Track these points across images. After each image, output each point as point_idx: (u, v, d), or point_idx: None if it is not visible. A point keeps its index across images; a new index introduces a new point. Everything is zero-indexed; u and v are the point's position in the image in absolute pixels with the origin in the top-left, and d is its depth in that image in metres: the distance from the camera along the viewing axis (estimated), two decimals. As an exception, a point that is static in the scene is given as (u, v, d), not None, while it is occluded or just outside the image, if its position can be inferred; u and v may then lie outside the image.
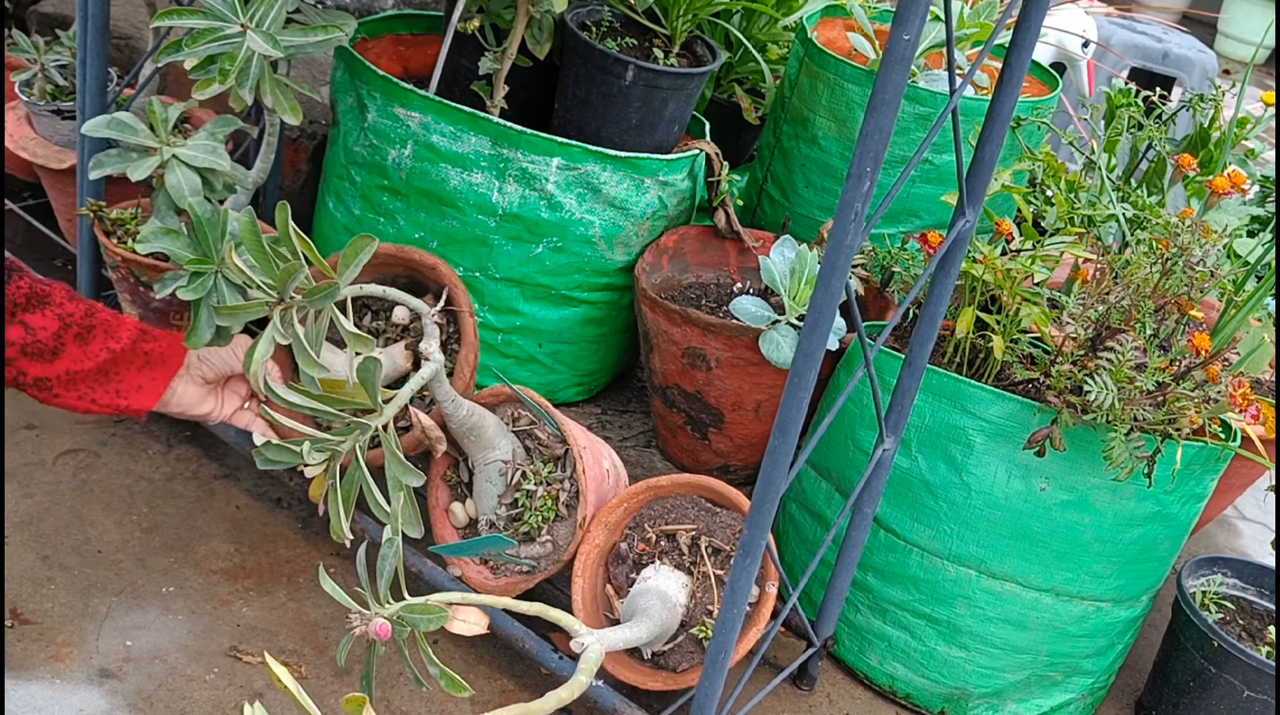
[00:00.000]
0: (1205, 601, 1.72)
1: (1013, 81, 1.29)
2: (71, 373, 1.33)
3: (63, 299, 1.32)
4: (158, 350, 1.39)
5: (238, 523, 1.77)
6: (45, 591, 1.58)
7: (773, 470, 1.19)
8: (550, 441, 1.58)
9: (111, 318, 1.36)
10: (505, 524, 1.58)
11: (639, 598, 1.46)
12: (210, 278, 1.38)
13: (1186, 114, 2.06)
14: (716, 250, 2.07)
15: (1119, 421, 1.41)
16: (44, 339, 1.30)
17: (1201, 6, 6.38)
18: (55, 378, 1.32)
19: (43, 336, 1.29)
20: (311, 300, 1.33)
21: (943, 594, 1.59)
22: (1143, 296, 1.49)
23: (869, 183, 1.05)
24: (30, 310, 1.29)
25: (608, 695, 1.46)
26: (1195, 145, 2.01)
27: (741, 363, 1.80)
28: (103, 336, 1.34)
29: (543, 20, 1.85)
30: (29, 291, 1.29)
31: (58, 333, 1.30)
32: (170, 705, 1.46)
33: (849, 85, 1.98)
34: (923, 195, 2.02)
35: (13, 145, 2.09)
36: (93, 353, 1.33)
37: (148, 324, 1.42)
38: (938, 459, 1.56)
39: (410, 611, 1.14)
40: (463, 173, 1.80)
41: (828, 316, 1.12)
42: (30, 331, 1.29)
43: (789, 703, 1.67)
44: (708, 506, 1.55)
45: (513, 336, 1.94)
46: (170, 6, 2.27)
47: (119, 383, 1.37)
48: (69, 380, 1.33)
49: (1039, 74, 2.21)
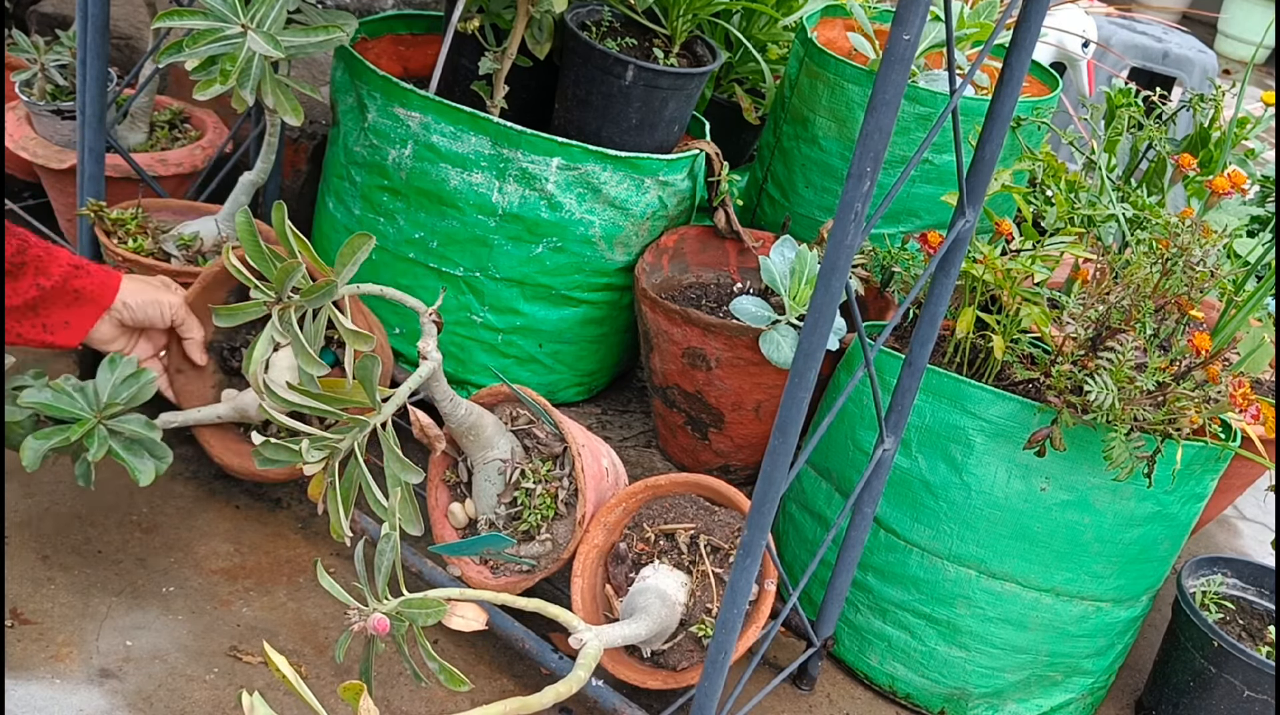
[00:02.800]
0: (1205, 601, 1.72)
1: (1013, 81, 1.29)
2: (7, 306, 1.32)
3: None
4: (88, 287, 1.38)
5: (238, 522, 1.77)
6: (45, 591, 1.58)
7: (773, 470, 1.19)
8: (549, 440, 1.58)
9: (43, 252, 1.34)
10: (504, 523, 1.58)
11: (638, 596, 1.46)
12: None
13: (1186, 114, 2.06)
14: (716, 250, 2.07)
15: (1119, 421, 1.41)
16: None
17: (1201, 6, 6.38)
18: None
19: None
20: (309, 299, 1.33)
21: (943, 594, 1.59)
22: (1143, 296, 1.49)
23: (869, 183, 1.05)
24: None
25: (607, 695, 1.46)
26: (1195, 145, 2.01)
27: (741, 363, 1.80)
28: (33, 273, 1.33)
29: (543, 20, 1.85)
30: None
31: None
32: (170, 705, 1.46)
33: (849, 85, 1.98)
34: (923, 195, 2.03)
35: (13, 145, 2.09)
36: (21, 289, 1.32)
37: (84, 259, 1.40)
38: (938, 459, 1.56)
39: (408, 606, 1.14)
40: (463, 173, 1.80)
41: (828, 316, 1.12)
42: None
43: (789, 703, 1.67)
44: (706, 505, 1.55)
45: (513, 336, 1.94)
46: (171, 7, 2.27)
47: (46, 318, 1.36)
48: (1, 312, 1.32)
49: (1039, 74, 2.22)
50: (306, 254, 1.32)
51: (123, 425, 1.44)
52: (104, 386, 1.41)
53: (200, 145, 2.18)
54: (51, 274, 1.34)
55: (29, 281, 1.33)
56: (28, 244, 1.33)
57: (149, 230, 1.86)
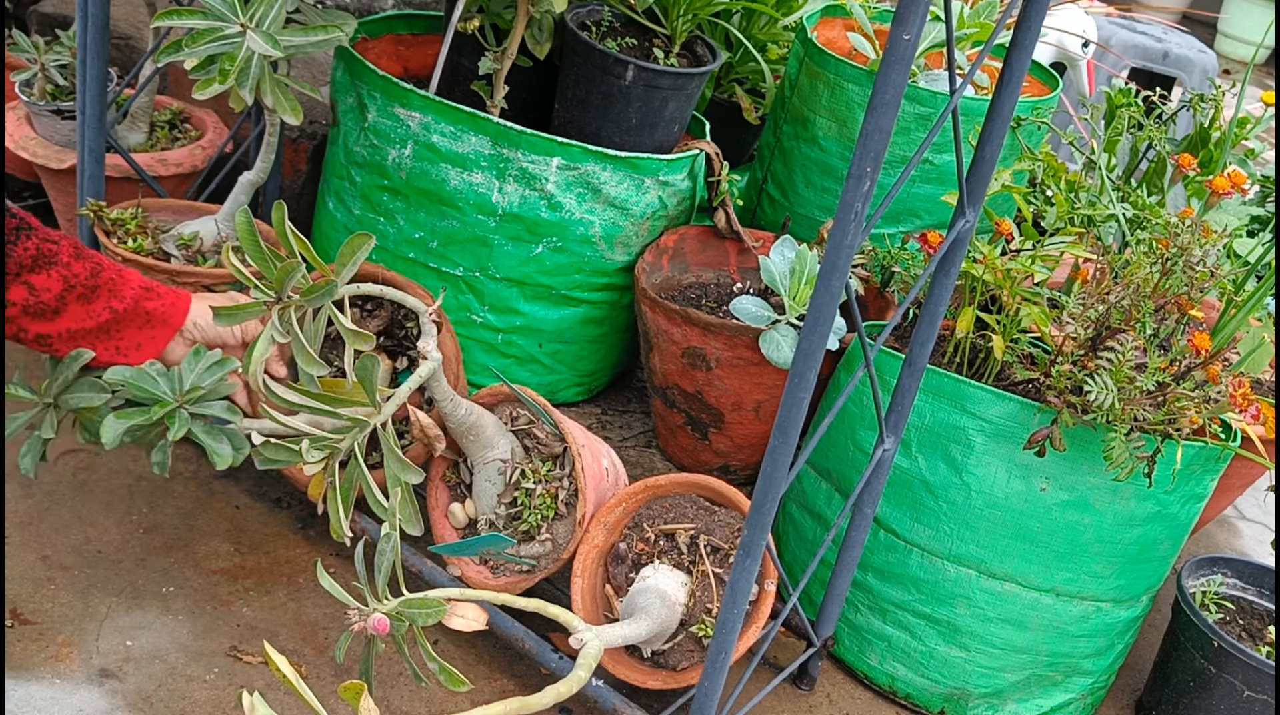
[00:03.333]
0: (1205, 601, 1.72)
1: (1013, 81, 1.29)
2: (73, 331, 1.34)
3: (69, 258, 1.32)
4: (159, 309, 1.39)
5: (238, 523, 1.77)
6: (45, 591, 1.58)
7: (773, 470, 1.19)
8: (549, 440, 1.58)
9: (116, 276, 1.36)
10: (504, 523, 1.58)
11: (638, 596, 1.46)
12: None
13: (1186, 114, 2.06)
14: (716, 250, 2.07)
15: (1119, 421, 1.41)
16: (47, 300, 1.30)
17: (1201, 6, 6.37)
18: (56, 335, 1.33)
19: (46, 298, 1.30)
20: (309, 299, 1.33)
21: (943, 594, 1.59)
22: (1143, 296, 1.49)
23: (869, 183, 1.05)
24: (36, 271, 1.30)
25: (607, 695, 1.46)
26: (1195, 145, 2.01)
27: (741, 363, 1.80)
28: (106, 296, 1.35)
29: (543, 20, 1.85)
30: (35, 252, 1.29)
31: (61, 294, 1.31)
32: (170, 705, 1.46)
33: (849, 85, 1.98)
34: (923, 195, 2.03)
35: (13, 145, 2.09)
36: (95, 312, 1.34)
37: (152, 280, 1.41)
38: (938, 459, 1.56)
39: (409, 606, 1.14)
40: (463, 173, 1.80)
41: (828, 316, 1.12)
42: (34, 292, 1.30)
43: (789, 702, 1.67)
44: (706, 505, 1.55)
45: (513, 336, 1.94)
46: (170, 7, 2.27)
47: (119, 340, 1.38)
48: (70, 337, 1.34)
49: (1039, 74, 2.22)
50: (307, 254, 1.32)
51: (204, 409, 1.43)
52: (188, 372, 1.42)
53: (200, 145, 2.18)
54: (124, 297, 1.36)
55: (101, 304, 1.35)
56: (101, 267, 1.35)
57: (149, 230, 1.86)
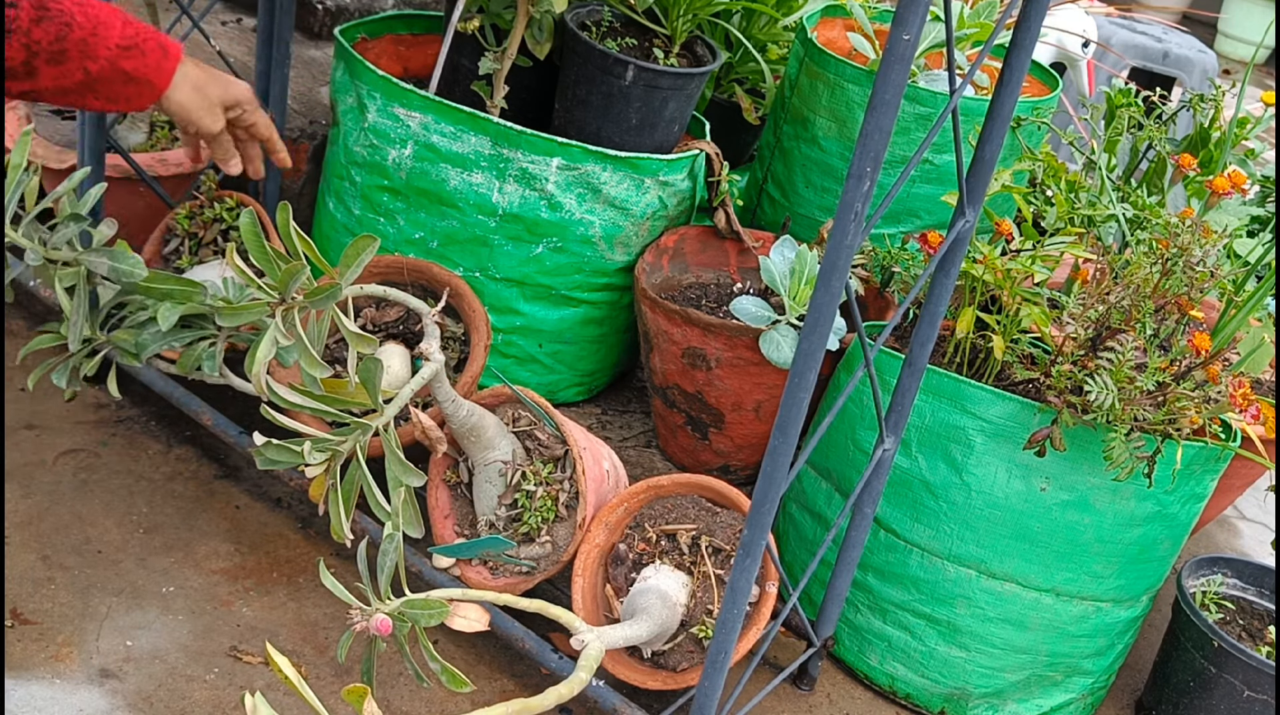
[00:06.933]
0: (1205, 601, 1.72)
1: (1013, 81, 1.29)
2: (54, 89, 1.32)
3: (29, 24, 1.28)
4: (139, 69, 1.37)
5: (238, 523, 1.77)
6: (45, 591, 1.58)
7: (773, 470, 1.19)
8: (550, 442, 1.58)
9: (89, 34, 1.33)
10: (505, 525, 1.58)
11: (639, 597, 1.46)
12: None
13: (1186, 114, 2.06)
14: (716, 250, 2.07)
15: (1119, 421, 1.41)
16: (14, 66, 1.28)
17: (1201, 6, 6.37)
18: (38, 91, 1.32)
19: (13, 65, 1.28)
20: (313, 301, 1.33)
21: (943, 594, 1.59)
22: (1143, 296, 1.49)
23: (869, 183, 1.05)
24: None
25: (608, 695, 1.46)
26: (1195, 145, 2.01)
27: (742, 363, 1.80)
28: (78, 57, 1.32)
29: (543, 20, 1.85)
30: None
31: (26, 60, 1.28)
32: (170, 705, 1.46)
33: (849, 85, 1.98)
34: (923, 195, 2.03)
35: (13, 145, 2.09)
36: (69, 72, 1.32)
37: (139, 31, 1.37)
38: (938, 459, 1.56)
39: (411, 607, 1.15)
40: (463, 173, 1.80)
41: (828, 316, 1.12)
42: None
43: (789, 703, 1.67)
44: (708, 506, 1.55)
45: (513, 336, 1.94)
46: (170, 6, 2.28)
47: (107, 95, 1.36)
48: (57, 93, 1.33)
49: (1039, 74, 2.22)
50: (312, 255, 1.32)
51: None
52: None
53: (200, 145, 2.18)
54: (98, 56, 1.33)
55: (75, 65, 1.32)
56: (70, 28, 1.31)
57: (149, 230, 1.86)
